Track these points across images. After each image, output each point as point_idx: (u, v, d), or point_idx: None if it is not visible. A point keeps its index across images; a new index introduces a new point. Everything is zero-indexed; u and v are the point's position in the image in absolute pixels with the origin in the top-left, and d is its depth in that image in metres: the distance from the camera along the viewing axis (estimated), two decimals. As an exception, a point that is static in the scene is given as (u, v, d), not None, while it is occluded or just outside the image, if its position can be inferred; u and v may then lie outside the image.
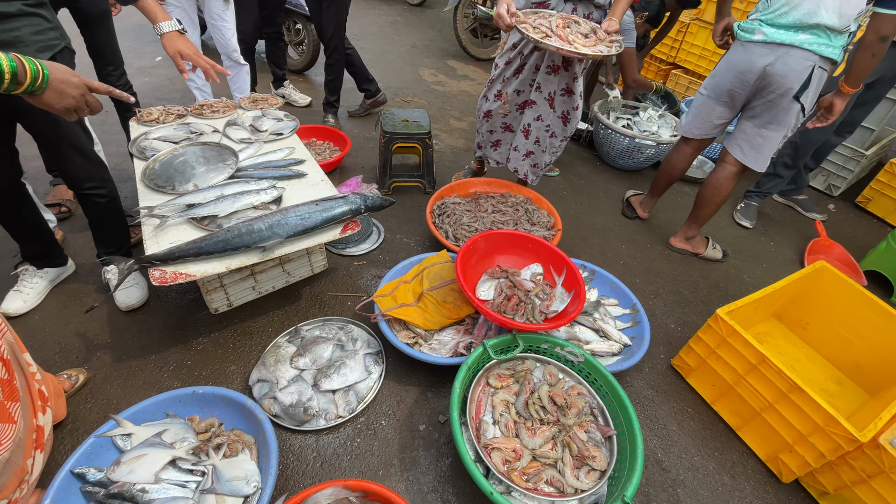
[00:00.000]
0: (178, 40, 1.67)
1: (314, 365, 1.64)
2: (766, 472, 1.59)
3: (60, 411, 1.46)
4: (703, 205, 2.36)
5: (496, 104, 2.28)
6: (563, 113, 2.21)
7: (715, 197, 2.29)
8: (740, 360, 1.59)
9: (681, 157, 2.46)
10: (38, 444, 1.28)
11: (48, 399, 1.36)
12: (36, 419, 1.28)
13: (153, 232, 1.57)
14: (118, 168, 2.72)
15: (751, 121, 2.10)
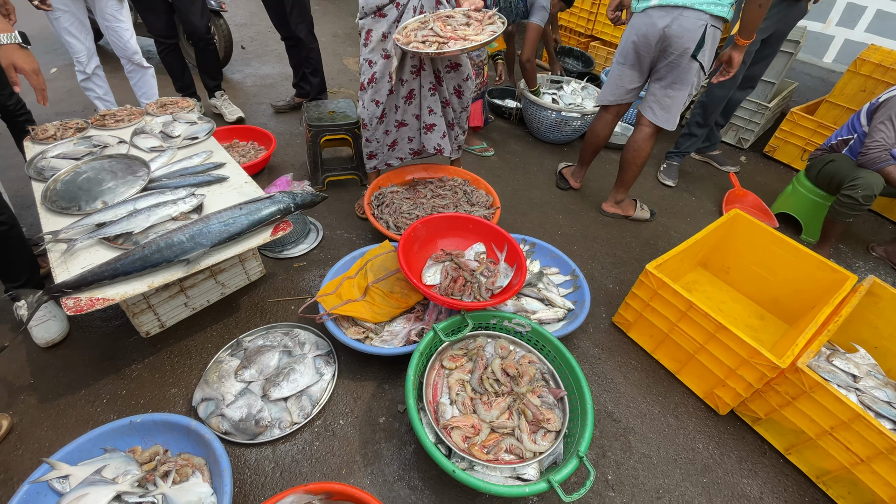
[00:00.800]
0: (14, 52, 1.57)
1: (261, 375, 1.58)
2: (705, 408, 1.73)
3: None
4: (626, 168, 2.48)
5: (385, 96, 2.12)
6: (455, 87, 2.19)
7: (636, 158, 2.41)
8: (671, 309, 1.71)
9: (603, 125, 2.56)
10: None
11: None
12: None
13: (61, 258, 1.44)
14: (19, 194, 2.45)
15: (658, 83, 2.24)
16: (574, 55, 4.40)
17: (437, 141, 2.28)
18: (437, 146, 2.30)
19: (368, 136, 2.25)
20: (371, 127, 2.21)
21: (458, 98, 2.23)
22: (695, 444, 1.61)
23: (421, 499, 1.39)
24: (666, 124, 2.28)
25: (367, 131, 2.23)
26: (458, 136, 2.39)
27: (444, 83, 2.14)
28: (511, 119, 3.66)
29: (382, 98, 2.11)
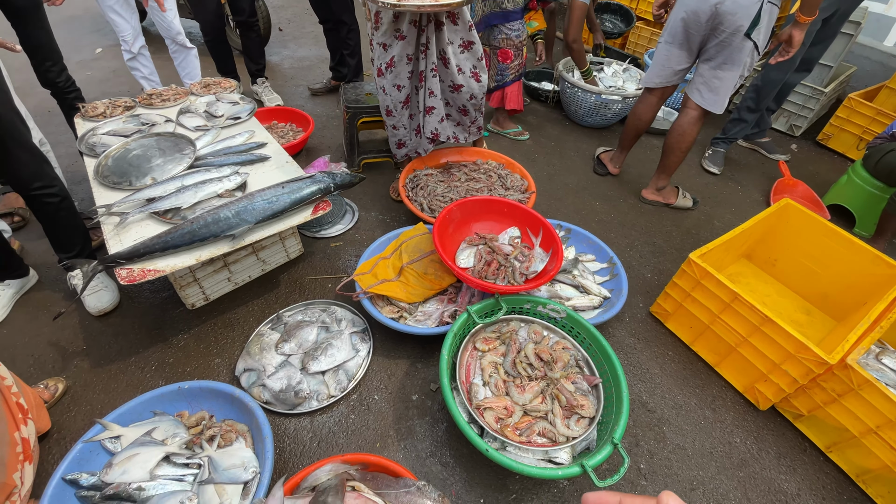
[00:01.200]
0: None
1: (300, 349, 1.63)
2: (745, 403, 1.68)
3: (44, 422, 1.42)
4: (669, 153, 2.39)
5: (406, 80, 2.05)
6: (471, 70, 2.08)
7: (680, 143, 2.32)
8: (714, 300, 1.65)
9: (646, 108, 2.47)
10: (26, 456, 1.25)
11: (28, 411, 1.32)
12: (18, 431, 1.25)
13: (114, 230, 1.51)
14: (70, 170, 2.58)
15: (707, 63, 2.13)
16: (612, 10, 4.10)
17: (435, 125, 2.18)
18: (434, 131, 2.19)
19: (394, 122, 2.18)
20: (396, 113, 2.15)
21: (476, 81, 2.11)
22: (732, 438, 1.57)
23: (452, 475, 1.41)
24: (713, 107, 2.17)
25: (392, 118, 2.16)
26: (475, 121, 2.27)
27: (450, 65, 2.01)
28: (548, 102, 3.57)
29: (404, 82, 2.06)
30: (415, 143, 2.31)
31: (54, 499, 1.19)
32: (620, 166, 2.80)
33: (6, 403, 1.25)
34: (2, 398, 1.24)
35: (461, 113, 2.22)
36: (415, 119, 2.21)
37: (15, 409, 1.27)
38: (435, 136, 2.22)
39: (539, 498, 1.37)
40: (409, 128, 2.25)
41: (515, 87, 2.86)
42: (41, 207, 1.67)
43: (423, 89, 2.10)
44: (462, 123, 2.27)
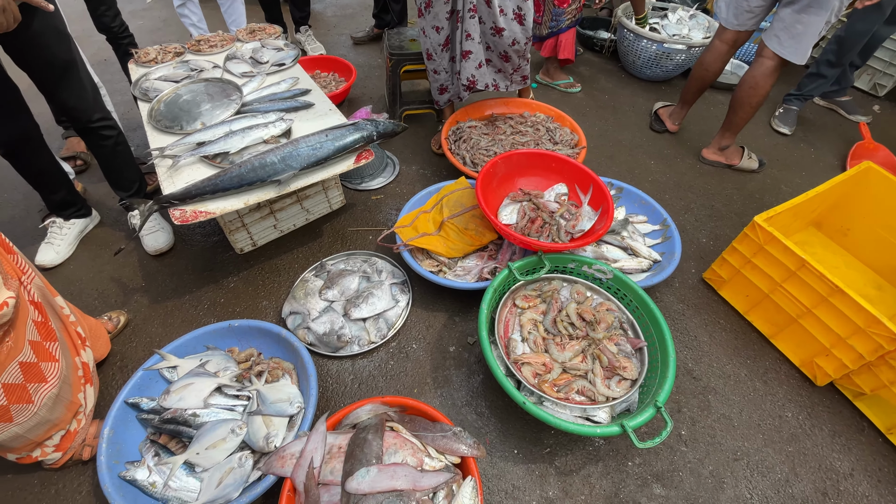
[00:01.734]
0: None
1: (342, 296, 1.66)
2: (800, 377, 1.58)
3: (102, 350, 1.53)
4: (738, 108, 2.17)
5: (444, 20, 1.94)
6: (514, 11, 1.90)
7: (751, 98, 2.10)
8: (778, 267, 1.53)
9: (714, 57, 2.24)
10: (87, 378, 1.36)
11: (85, 339, 1.42)
12: (79, 356, 1.35)
13: (167, 173, 1.55)
14: (126, 117, 2.67)
15: (789, 6, 1.88)
16: None
17: (472, 71, 2.04)
18: (471, 77, 2.05)
19: (435, 66, 2.10)
20: (436, 56, 2.05)
21: (519, 25, 1.93)
22: (783, 412, 1.50)
23: (487, 425, 1.43)
24: (794, 57, 1.93)
25: (433, 61, 2.08)
26: (519, 68, 2.10)
27: (493, 4, 1.85)
28: (603, 52, 3.32)
29: (442, 23, 1.94)
30: (456, 89, 2.20)
31: (117, 420, 1.30)
32: (680, 123, 2.59)
33: (67, 331, 1.35)
34: (63, 327, 1.34)
35: (502, 59, 2.06)
36: (456, 62, 2.09)
37: (74, 336, 1.37)
38: (472, 84, 2.08)
39: (573, 454, 1.37)
40: (451, 71, 2.14)
41: (570, 35, 2.66)
42: (100, 143, 1.74)
43: (461, 31, 1.96)
44: (503, 70, 2.12)
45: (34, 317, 1.18)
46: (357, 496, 1.08)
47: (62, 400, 1.22)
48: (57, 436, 1.24)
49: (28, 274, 1.24)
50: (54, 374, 1.19)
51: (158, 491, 1.21)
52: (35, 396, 1.14)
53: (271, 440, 1.25)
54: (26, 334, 1.13)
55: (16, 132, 1.60)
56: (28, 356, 1.12)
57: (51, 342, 1.21)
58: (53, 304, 1.33)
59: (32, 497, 1.30)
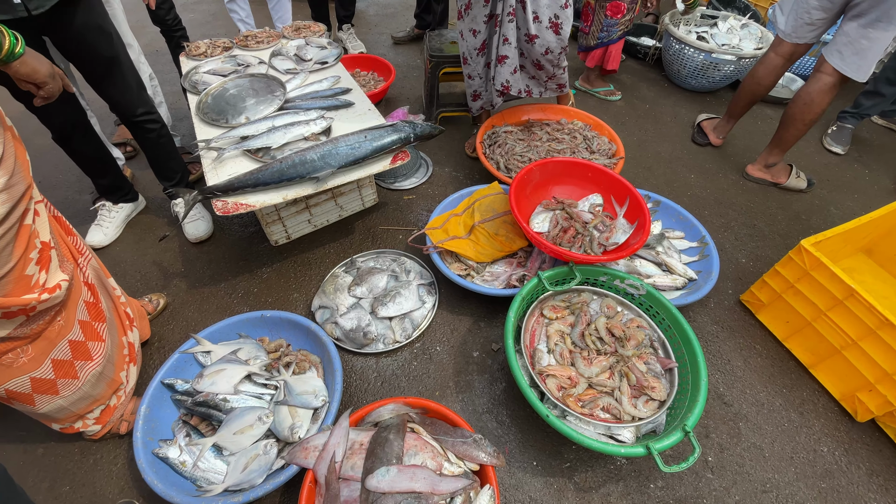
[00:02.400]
0: None
1: (370, 294, 1.69)
2: (839, 411, 1.51)
3: (145, 331, 1.61)
4: (789, 125, 2.08)
5: (482, 24, 1.92)
6: (550, 20, 1.85)
7: (804, 115, 2.00)
8: (823, 294, 1.46)
9: (767, 71, 2.15)
10: (131, 358, 1.43)
11: (133, 320, 1.50)
12: (126, 336, 1.42)
13: (212, 164, 1.61)
14: (174, 107, 2.78)
15: (855, 20, 1.78)
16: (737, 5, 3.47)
17: (507, 76, 2.00)
18: (505, 83, 2.01)
19: (470, 71, 2.09)
20: (471, 60, 2.04)
21: (555, 34, 1.88)
22: (818, 447, 1.43)
23: (507, 434, 1.42)
24: (856, 74, 1.83)
25: (468, 66, 2.07)
26: (553, 76, 2.06)
27: (527, 9, 1.82)
28: (646, 60, 3.24)
29: (480, 27, 1.92)
30: (489, 96, 2.19)
31: (154, 398, 1.36)
32: (725, 137, 2.50)
33: (116, 311, 1.42)
34: (113, 307, 1.41)
35: (535, 66, 2.02)
36: (491, 68, 2.07)
37: (123, 316, 1.45)
38: (505, 89, 2.05)
39: (594, 471, 1.35)
40: (485, 77, 2.13)
41: (619, 46, 2.60)
42: (144, 134, 1.82)
43: (498, 35, 1.94)
44: (537, 77, 2.09)
45: (86, 297, 1.25)
46: (376, 494, 1.09)
47: (105, 377, 1.29)
48: (97, 410, 1.31)
49: (85, 255, 1.31)
50: (100, 353, 1.26)
51: (188, 470, 1.26)
52: (81, 373, 1.20)
53: (296, 431, 1.28)
54: (77, 314, 1.19)
55: (65, 120, 1.69)
56: (77, 335, 1.19)
57: (99, 322, 1.28)
58: (106, 285, 1.40)
59: (73, 464, 1.38)
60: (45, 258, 1.07)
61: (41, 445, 1.41)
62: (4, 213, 0.91)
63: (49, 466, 1.37)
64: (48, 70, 1.06)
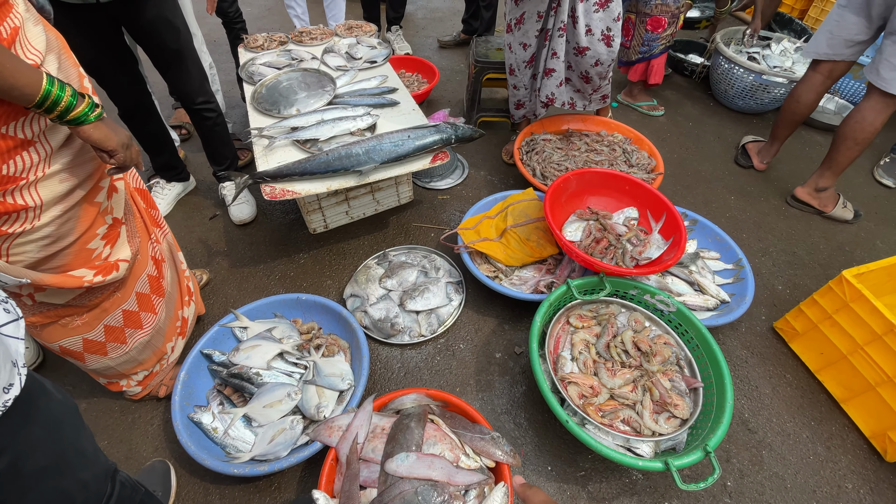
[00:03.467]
0: None
1: (400, 287, 1.74)
2: (868, 449, 1.46)
3: (200, 307, 1.70)
4: (840, 144, 2.00)
5: (533, 38, 1.96)
6: (603, 33, 1.86)
7: (856, 133, 1.92)
8: (862, 328, 1.42)
9: (807, 89, 2.09)
10: (182, 332, 1.52)
11: (193, 294, 1.59)
12: (182, 311, 1.51)
13: (263, 151, 1.70)
14: (228, 95, 2.92)
15: (890, 38, 1.74)
16: (793, 27, 3.42)
17: (552, 89, 2.04)
18: (550, 95, 2.05)
19: (516, 82, 2.14)
20: (519, 72, 2.09)
21: (606, 46, 1.89)
22: (843, 483, 1.39)
23: (524, 436, 1.44)
24: (893, 87, 1.78)
25: (515, 77, 2.12)
26: (598, 89, 2.09)
27: (578, 25, 1.84)
28: (693, 77, 3.19)
29: (531, 41, 1.97)
30: (532, 106, 2.23)
31: (192, 366, 1.44)
32: (769, 162, 2.44)
33: (179, 285, 1.51)
34: (177, 280, 1.50)
35: (582, 79, 2.05)
36: (537, 80, 2.11)
37: (185, 290, 1.54)
38: (550, 101, 2.10)
39: (608, 482, 1.35)
40: (531, 89, 2.17)
41: (662, 60, 2.59)
42: (201, 121, 1.93)
43: (547, 49, 1.98)
44: (582, 91, 2.11)
45: (150, 272, 1.32)
46: (394, 478, 1.13)
47: (151, 346, 1.38)
48: (141, 374, 1.40)
49: (163, 228, 1.39)
50: (150, 323, 1.34)
51: (218, 436, 1.33)
52: (129, 340, 1.29)
53: (321, 410, 1.34)
54: (136, 287, 1.27)
55: (133, 100, 1.82)
56: (132, 305, 1.27)
57: (158, 296, 1.36)
58: (175, 259, 1.49)
59: (112, 421, 1.47)
60: (114, 234, 1.14)
61: (85, 401, 1.52)
62: (64, 192, 0.95)
63: (90, 421, 1.47)
64: (120, 139, 0.97)
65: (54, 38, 0.95)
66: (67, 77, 0.96)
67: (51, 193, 0.92)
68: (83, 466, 0.76)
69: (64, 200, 0.96)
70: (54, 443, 0.69)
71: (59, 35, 0.98)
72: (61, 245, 0.99)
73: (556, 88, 2.06)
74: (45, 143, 0.89)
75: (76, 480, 0.73)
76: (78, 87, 0.96)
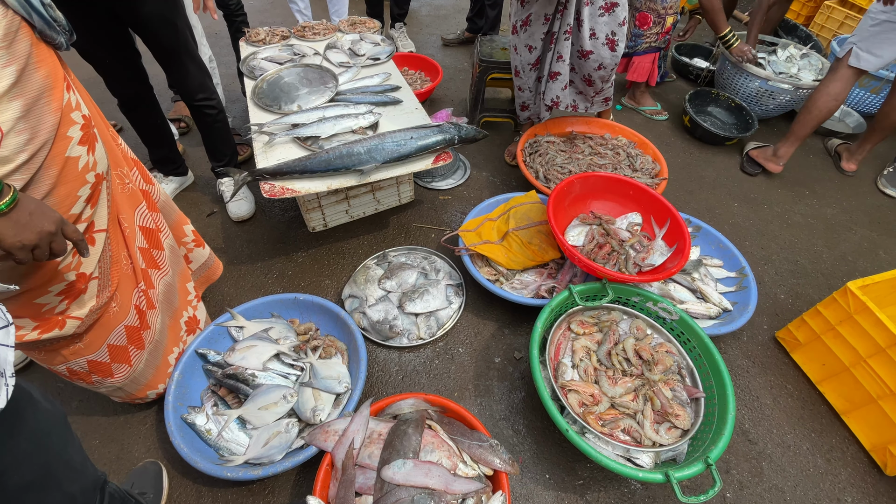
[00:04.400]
0: None
1: (399, 288, 1.71)
2: (868, 462, 1.45)
3: None
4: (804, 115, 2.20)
5: (539, 41, 1.95)
6: (608, 37, 1.84)
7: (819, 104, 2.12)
8: (865, 340, 1.41)
9: (844, 86, 2.13)
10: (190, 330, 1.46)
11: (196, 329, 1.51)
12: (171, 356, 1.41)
13: (263, 148, 1.67)
14: (228, 89, 2.88)
15: None
16: (798, 34, 3.41)
17: (557, 92, 2.02)
18: (555, 98, 2.04)
19: (521, 84, 2.14)
20: (524, 74, 2.08)
21: (610, 51, 1.87)
22: (842, 496, 1.38)
23: (522, 443, 1.42)
24: None
25: (520, 79, 2.12)
26: (601, 92, 2.07)
27: (583, 28, 1.82)
28: (698, 81, 3.18)
29: (537, 43, 1.96)
30: (536, 109, 2.21)
31: (186, 366, 1.42)
32: (786, 161, 2.42)
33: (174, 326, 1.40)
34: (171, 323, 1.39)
35: (585, 82, 2.04)
36: (542, 83, 2.09)
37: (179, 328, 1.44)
38: (554, 104, 2.09)
39: (607, 491, 1.34)
40: (535, 91, 2.15)
41: (647, 60, 2.55)
42: (201, 117, 1.90)
43: (553, 52, 1.96)
44: (584, 93, 2.10)
45: (130, 322, 1.20)
46: (391, 485, 1.11)
47: (151, 364, 1.31)
48: (151, 395, 1.36)
49: (162, 269, 1.30)
50: (123, 374, 1.24)
51: (212, 438, 1.31)
52: (133, 359, 1.24)
53: (317, 413, 1.32)
54: (107, 339, 1.15)
55: (133, 91, 1.79)
56: (103, 356, 1.16)
57: (136, 349, 1.25)
58: (175, 298, 1.39)
59: (104, 420, 1.45)
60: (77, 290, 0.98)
61: (77, 398, 1.49)
62: None
63: (82, 419, 1.45)
64: (26, 238, 0.72)
65: (39, 79, 0.79)
66: (36, 125, 0.79)
67: None
68: (71, 479, 0.73)
69: None
70: (41, 456, 0.67)
71: (54, 69, 0.85)
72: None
73: (562, 91, 2.05)
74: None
75: (63, 494, 0.71)
76: (51, 131, 0.81)
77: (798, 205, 2.31)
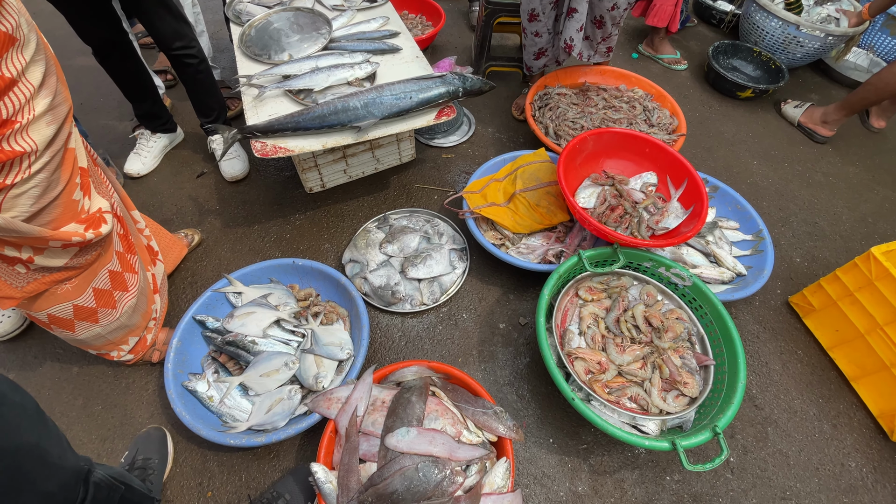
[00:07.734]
0: None
1: (402, 253, 1.65)
2: (875, 428, 1.44)
3: (171, 264, 1.61)
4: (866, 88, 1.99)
5: None
6: None
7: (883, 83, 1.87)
8: (884, 307, 1.36)
9: None
10: (155, 289, 1.44)
11: (158, 253, 1.50)
12: (149, 270, 1.43)
13: (253, 102, 1.55)
14: (216, 37, 2.69)
15: None
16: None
17: (572, 33, 1.84)
18: (569, 41, 1.85)
19: (538, 28, 1.91)
20: (542, 16, 1.86)
21: None
22: (846, 461, 1.38)
23: (526, 408, 1.42)
24: None
25: (537, 23, 1.89)
26: (607, 37, 1.90)
27: None
28: (721, 27, 2.94)
29: None
30: (555, 52, 2.01)
31: (185, 332, 1.39)
32: (838, 126, 2.27)
33: (140, 245, 1.40)
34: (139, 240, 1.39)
35: (594, 24, 1.86)
36: (560, 21, 1.89)
37: (145, 250, 1.44)
38: (567, 48, 1.89)
39: (610, 456, 1.34)
40: (554, 32, 1.95)
41: (669, 2, 2.33)
42: (182, 68, 1.76)
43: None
44: (591, 37, 1.92)
45: (117, 230, 1.24)
46: (394, 453, 1.11)
47: (139, 309, 1.31)
48: (132, 341, 1.34)
49: (107, 185, 1.29)
50: (134, 284, 1.27)
51: (214, 405, 1.30)
52: (118, 304, 1.22)
53: (320, 380, 1.30)
54: (114, 245, 1.20)
55: (104, 36, 1.64)
56: (115, 265, 1.19)
57: (131, 255, 1.28)
58: (130, 218, 1.40)
59: (106, 385, 1.44)
60: (86, 183, 1.06)
61: (76, 364, 1.48)
62: (51, 135, 0.89)
63: (83, 385, 1.44)
64: None
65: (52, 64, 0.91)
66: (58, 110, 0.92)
67: (42, 137, 0.87)
68: (46, 476, 0.70)
69: (52, 144, 0.91)
70: (9, 458, 0.63)
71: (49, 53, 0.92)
72: (51, 196, 0.93)
73: (576, 33, 1.86)
74: (27, 82, 0.83)
75: (38, 494, 0.67)
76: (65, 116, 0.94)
77: (820, 163, 2.20)
